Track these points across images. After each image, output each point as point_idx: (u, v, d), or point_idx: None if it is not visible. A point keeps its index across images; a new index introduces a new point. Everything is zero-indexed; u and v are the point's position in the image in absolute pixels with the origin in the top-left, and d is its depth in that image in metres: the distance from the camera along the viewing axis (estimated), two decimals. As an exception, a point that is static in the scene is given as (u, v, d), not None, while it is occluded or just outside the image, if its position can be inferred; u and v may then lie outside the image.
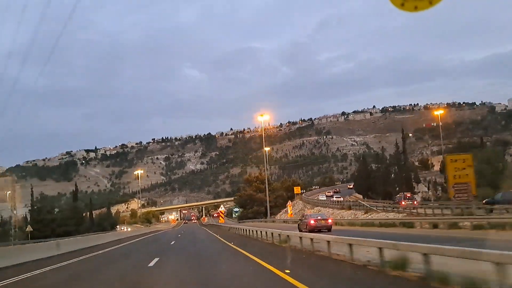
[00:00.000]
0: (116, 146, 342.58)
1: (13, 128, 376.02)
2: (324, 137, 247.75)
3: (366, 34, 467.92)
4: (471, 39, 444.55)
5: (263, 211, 72.69)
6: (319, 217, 28.61)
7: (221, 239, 28.05)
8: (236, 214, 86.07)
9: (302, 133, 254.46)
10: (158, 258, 14.99)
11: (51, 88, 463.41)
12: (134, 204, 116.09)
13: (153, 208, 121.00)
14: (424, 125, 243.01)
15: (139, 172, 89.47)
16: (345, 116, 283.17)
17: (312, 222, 27.33)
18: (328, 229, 26.70)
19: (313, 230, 25.48)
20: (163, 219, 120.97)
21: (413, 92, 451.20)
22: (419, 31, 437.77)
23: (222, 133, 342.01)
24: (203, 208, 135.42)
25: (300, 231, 26.30)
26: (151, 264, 13.37)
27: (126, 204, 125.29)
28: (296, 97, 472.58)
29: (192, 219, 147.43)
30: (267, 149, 77.78)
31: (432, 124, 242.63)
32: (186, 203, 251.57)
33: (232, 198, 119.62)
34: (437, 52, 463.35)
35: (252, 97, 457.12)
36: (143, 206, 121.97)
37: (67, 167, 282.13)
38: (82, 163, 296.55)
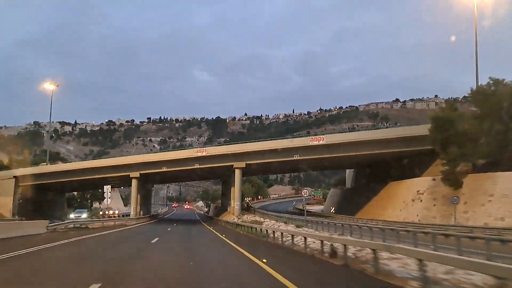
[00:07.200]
0: (101, 123, 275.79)
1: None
2: (385, 122, 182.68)
3: (380, 50, 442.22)
4: (485, 63, 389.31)
5: None
6: None
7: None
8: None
9: (350, 116, 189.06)
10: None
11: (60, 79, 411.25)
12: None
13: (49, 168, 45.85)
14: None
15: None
16: (402, 103, 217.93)
17: None
18: None
19: None
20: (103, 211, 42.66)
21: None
22: (432, 51, 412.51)
23: (235, 117, 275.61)
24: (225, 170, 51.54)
25: None
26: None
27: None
28: (306, 106, 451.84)
29: (186, 208, 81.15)
30: None
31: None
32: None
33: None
34: (450, 74, 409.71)
35: (261, 103, 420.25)
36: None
37: (29, 139, 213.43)
38: (51, 136, 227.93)
